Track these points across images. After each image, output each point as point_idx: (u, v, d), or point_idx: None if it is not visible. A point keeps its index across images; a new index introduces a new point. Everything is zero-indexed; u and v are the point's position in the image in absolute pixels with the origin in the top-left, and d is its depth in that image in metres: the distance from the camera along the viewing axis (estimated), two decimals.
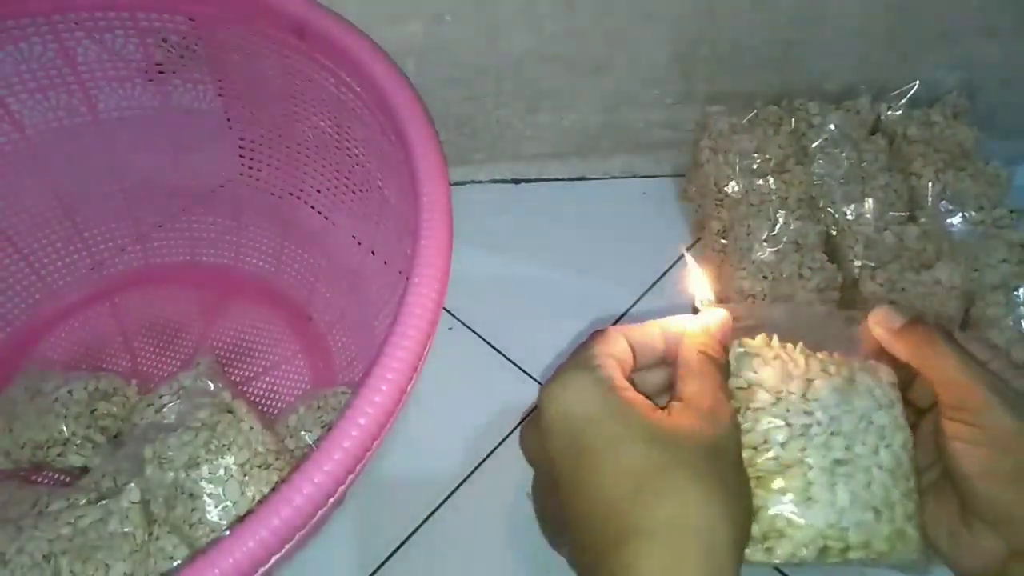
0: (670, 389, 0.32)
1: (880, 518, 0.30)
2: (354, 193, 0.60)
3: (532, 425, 0.32)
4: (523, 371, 0.63)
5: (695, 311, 0.37)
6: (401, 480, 0.57)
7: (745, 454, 0.31)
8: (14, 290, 0.64)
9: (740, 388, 0.32)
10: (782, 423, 0.31)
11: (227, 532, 0.44)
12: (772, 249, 0.58)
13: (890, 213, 0.60)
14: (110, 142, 0.63)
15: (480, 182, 0.74)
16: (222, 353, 0.63)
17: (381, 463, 0.58)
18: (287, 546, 0.34)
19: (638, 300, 0.66)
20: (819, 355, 0.33)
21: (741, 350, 0.33)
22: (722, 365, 0.32)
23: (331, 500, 0.35)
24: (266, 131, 0.62)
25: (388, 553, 0.55)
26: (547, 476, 0.31)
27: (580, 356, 0.31)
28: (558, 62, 0.64)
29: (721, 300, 0.36)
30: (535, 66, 0.64)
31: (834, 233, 0.61)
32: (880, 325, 0.33)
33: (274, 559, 0.34)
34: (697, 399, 0.30)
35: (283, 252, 0.67)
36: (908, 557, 0.31)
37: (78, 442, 0.54)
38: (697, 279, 0.36)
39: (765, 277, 0.57)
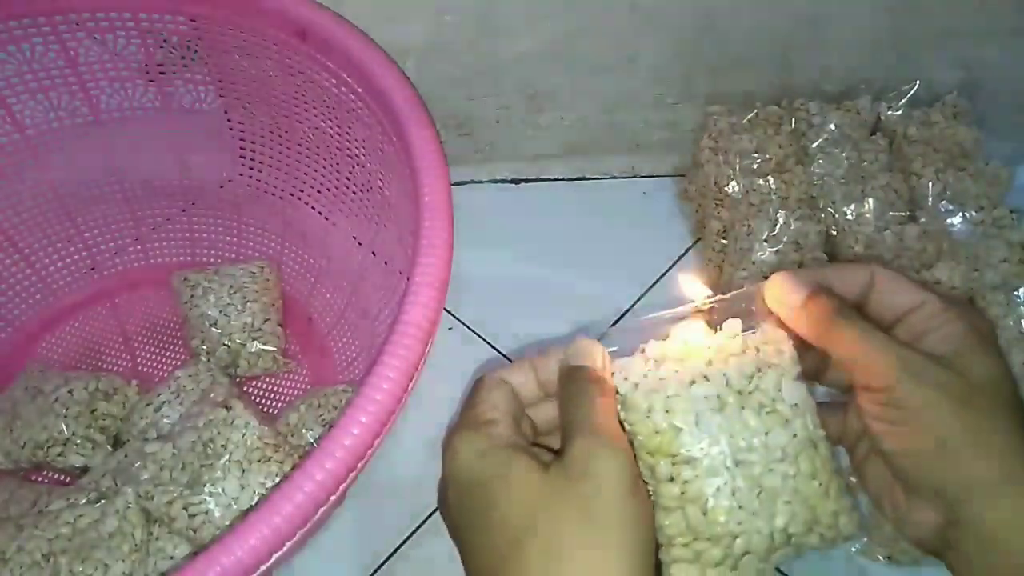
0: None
1: (803, 508, 0.29)
2: (354, 193, 0.60)
3: (440, 489, 0.32)
4: None
5: (696, 313, 0.37)
6: (401, 480, 0.57)
7: (645, 472, 0.30)
8: (14, 290, 0.64)
9: (629, 416, 0.30)
10: (679, 450, 0.29)
11: (229, 529, 0.44)
12: (772, 249, 0.58)
13: (890, 213, 0.60)
14: (110, 142, 0.63)
15: (480, 182, 0.74)
16: None
17: (381, 463, 0.58)
18: (289, 543, 0.34)
19: (638, 300, 0.66)
20: (705, 348, 0.31)
21: (624, 379, 0.31)
22: (603, 387, 0.30)
23: (332, 498, 0.35)
24: (266, 131, 0.62)
25: (388, 553, 0.55)
26: (453, 537, 0.31)
27: (466, 416, 0.31)
28: (558, 62, 0.64)
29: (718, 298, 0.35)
30: (535, 66, 0.64)
31: (834, 233, 0.61)
32: (779, 302, 0.31)
33: (275, 556, 0.34)
34: (577, 445, 0.28)
35: (283, 252, 0.67)
36: (847, 533, 0.30)
37: (78, 442, 0.54)
38: (692, 286, 0.36)
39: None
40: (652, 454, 0.29)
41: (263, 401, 0.62)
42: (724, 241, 0.63)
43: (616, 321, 0.65)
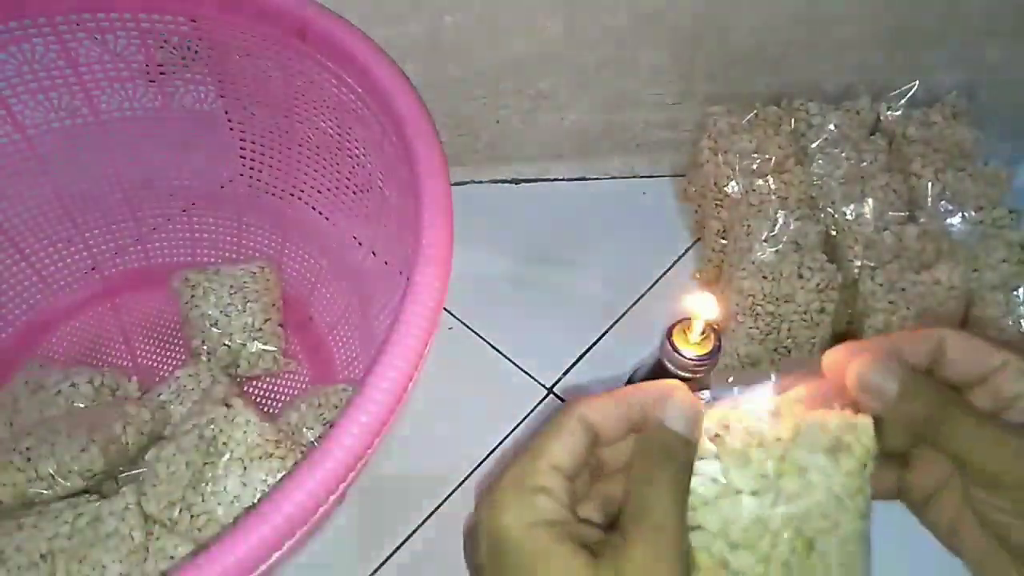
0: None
1: None
2: (354, 193, 0.60)
3: (472, 530, 0.30)
4: (523, 371, 0.63)
5: (694, 318, 0.37)
6: (401, 480, 0.57)
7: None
8: (15, 290, 0.64)
9: (699, 485, 0.28)
10: (706, 541, 0.28)
11: (229, 527, 0.44)
12: (772, 249, 0.58)
13: (890, 213, 0.60)
14: (111, 142, 0.63)
15: (480, 182, 0.74)
16: None
17: (381, 463, 0.58)
18: (289, 543, 0.34)
19: (638, 300, 0.66)
20: (781, 435, 0.28)
21: (703, 450, 0.28)
22: (676, 473, 0.28)
23: (333, 497, 0.35)
24: (266, 131, 0.62)
25: (388, 553, 0.55)
26: None
27: (522, 469, 0.28)
28: (558, 62, 0.64)
29: (721, 322, 0.35)
30: (535, 66, 0.64)
31: (834, 233, 0.61)
32: (870, 396, 0.28)
33: (276, 556, 0.34)
34: (632, 550, 0.26)
35: (283, 252, 0.67)
36: None
37: None
38: (703, 303, 0.36)
39: (765, 277, 0.57)
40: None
41: (263, 401, 0.62)
42: (724, 241, 0.63)
43: (615, 322, 0.65)
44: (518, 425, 0.60)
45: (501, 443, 0.59)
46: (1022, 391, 0.27)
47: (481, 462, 0.58)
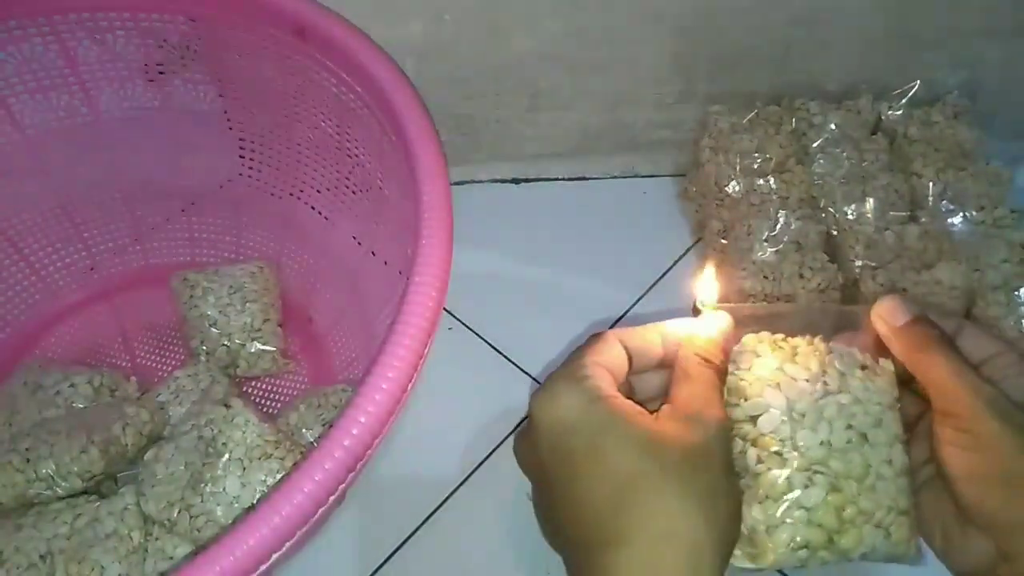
0: (667, 393, 0.33)
1: (869, 518, 0.30)
2: (354, 193, 0.60)
3: (523, 433, 0.33)
4: (523, 371, 0.63)
5: (696, 312, 0.37)
6: (401, 480, 0.57)
7: (738, 450, 0.31)
8: (14, 290, 0.64)
9: (739, 383, 0.32)
10: (774, 422, 0.31)
11: (228, 528, 0.44)
12: (773, 249, 0.58)
13: (891, 213, 0.60)
14: (110, 142, 0.63)
15: (480, 182, 0.74)
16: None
17: (381, 463, 0.58)
18: (288, 544, 0.34)
19: (638, 300, 0.66)
20: (817, 348, 0.33)
21: (739, 347, 0.34)
22: (719, 369, 0.32)
23: (332, 498, 0.35)
24: (266, 131, 0.62)
25: (388, 553, 0.55)
26: (541, 482, 0.32)
27: (569, 366, 0.32)
28: (558, 62, 0.64)
29: (724, 302, 0.36)
30: (535, 66, 0.64)
31: (835, 233, 0.61)
32: (882, 319, 0.33)
33: (275, 557, 0.34)
34: (686, 403, 0.30)
35: (283, 252, 0.67)
36: (899, 552, 0.31)
37: None
38: (706, 283, 0.36)
39: (766, 277, 0.57)
40: (743, 438, 0.32)
41: (263, 401, 0.62)
42: (724, 241, 0.63)
43: (616, 322, 0.65)
44: (518, 425, 0.60)
45: (501, 443, 0.59)
46: (1010, 374, 0.31)
47: (481, 462, 0.58)
